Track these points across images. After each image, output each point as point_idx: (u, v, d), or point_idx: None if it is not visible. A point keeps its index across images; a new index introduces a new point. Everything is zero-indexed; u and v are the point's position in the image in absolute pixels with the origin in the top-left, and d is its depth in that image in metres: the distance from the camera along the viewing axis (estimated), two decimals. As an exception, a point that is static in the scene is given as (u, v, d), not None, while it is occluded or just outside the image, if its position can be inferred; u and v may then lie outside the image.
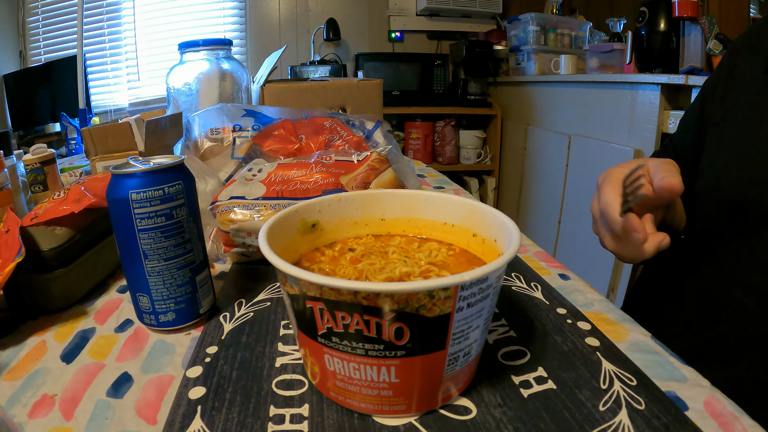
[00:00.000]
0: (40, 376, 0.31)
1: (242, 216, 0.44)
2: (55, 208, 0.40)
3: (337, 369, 0.25)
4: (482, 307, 0.25)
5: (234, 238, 0.45)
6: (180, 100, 0.94)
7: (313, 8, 2.45)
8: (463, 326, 0.24)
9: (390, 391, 0.25)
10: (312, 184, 0.46)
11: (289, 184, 0.46)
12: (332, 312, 0.24)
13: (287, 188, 0.46)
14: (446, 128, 2.32)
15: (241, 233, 0.44)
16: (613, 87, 1.52)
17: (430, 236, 0.37)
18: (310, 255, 0.35)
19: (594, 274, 1.55)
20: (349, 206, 0.37)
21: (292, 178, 0.47)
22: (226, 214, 0.44)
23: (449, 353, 0.25)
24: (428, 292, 0.22)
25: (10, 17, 2.16)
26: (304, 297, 0.24)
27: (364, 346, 0.24)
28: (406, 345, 0.24)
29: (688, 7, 1.36)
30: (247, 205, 0.44)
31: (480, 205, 0.33)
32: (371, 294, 0.22)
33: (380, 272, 0.31)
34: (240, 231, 0.44)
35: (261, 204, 0.45)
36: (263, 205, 0.45)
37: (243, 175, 0.49)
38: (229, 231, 0.44)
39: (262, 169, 0.49)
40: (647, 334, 0.34)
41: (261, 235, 0.28)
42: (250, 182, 0.47)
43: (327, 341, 0.25)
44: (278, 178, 0.47)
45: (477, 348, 0.27)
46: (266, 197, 0.45)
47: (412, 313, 0.23)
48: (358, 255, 0.34)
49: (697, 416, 0.26)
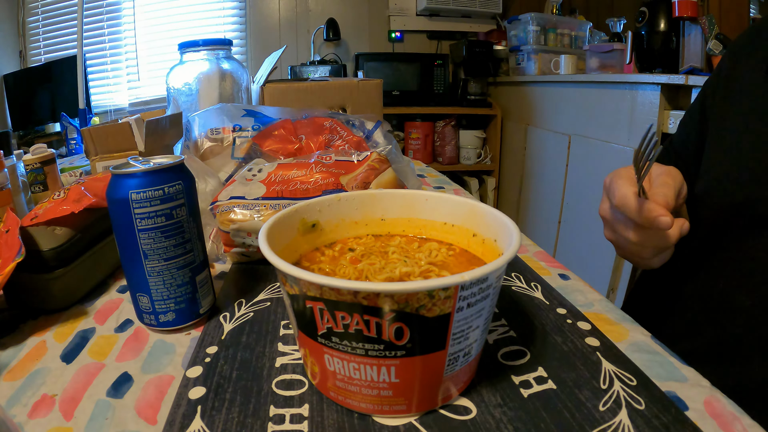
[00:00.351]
0: (40, 376, 0.31)
1: (242, 216, 0.44)
2: (55, 208, 0.40)
3: (337, 369, 0.25)
4: (482, 307, 0.25)
5: (234, 238, 0.45)
6: (180, 100, 0.94)
7: (313, 8, 2.45)
8: (463, 326, 0.24)
9: (390, 391, 0.25)
10: (312, 184, 0.46)
11: (289, 184, 0.46)
12: (332, 312, 0.24)
13: (287, 188, 0.46)
14: (446, 128, 2.32)
15: (241, 233, 0.44)
16: (613, 87, 1.52)
17: (430, 236, 0.37)
18: (310, 255, 0.35)
19: (594, 274, 1.55)
20: (349, 206, 0.37)
21: (292, 178, 0.47)
22: (226, 214, 0.44)
23: (449, 353, 0.25)
24: (428, 292, 0.22)
25: (10, 17, 2.16)
26: (304, 297, 0.24)
27: (364, 346, 0.24)
28: (406, 345, 0.24)
29: (688, 7, 1.36)
30: (247, 205, 0.44)
31: (480, 205, 0.33)
32: (371, 294, 0.22)
33: (380, 272, 0.31)
34: (240, 231, 0.44)
35: (261, 204, 0.45)
36: (263, 205, 0.45)
37: (243, 175, 0.49)
38: (229, 231, 0.44)
39: (262, 169, 0.49)
40: (647, 334, 0.34)
41: (261, 235, 0.28)
42: (250, 182, 0.47)
43: (327, 341, 0.25)
44: (278, 178, 0.47)
45: (477, 348, 0.27)
46: (266, 197, 0.45)
47: (412, 313, 0.23)
48: (358, 255, 0.34)
49: (697, 416, 0.26)
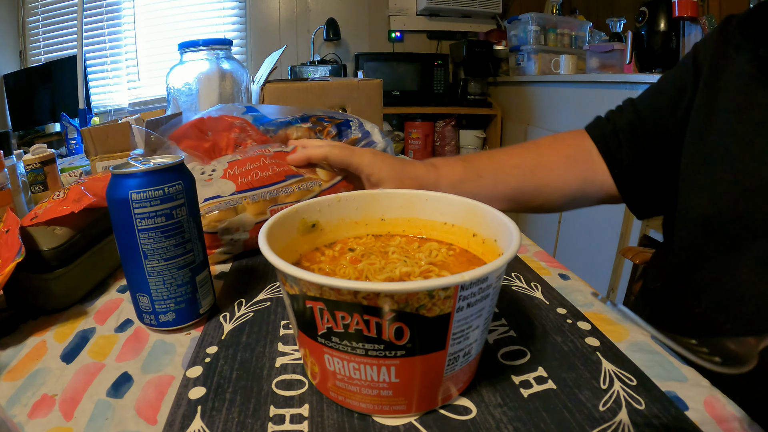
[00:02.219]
0: (40, 376, 0.31)
1: (226, 213, 0.45)
2: (55, 208, 0.40)
3: (337, 369, 0.25)
4: (482, 306, 0.25)
5: (222, 237, 0.45)
6: (180, 100, 0.94)
7: (313, 8, 2.46)
8: (463, 326, 0.24)
9: (390, 391, 0.25)
10: (271, 171, 0.48)
11: (250, 175, 0.48)
12: (332, 312, 0.24)
13: (253, 179, 0.47)
14: (446, 128, 2.33)
15: (230, 230, 0.45)
16: (613, 87, 1.52)
17: (430, 236, 0.37)
18: (310, 255, 0.35)
19: (594, 274, 1.55)
20: (348, 206, 0.37)
21: (249, 170, 0.48)
22: (209, 216, 0.45)
23: (449, 353, 0.25)
24: (428, 292, 0.22)
25: (10, 17, 2.16)
26: (304, 297, 0.24)
27: (364, 346, 0.24)
28: (406, 345, 0.24)
29: (688, 7, 1.36)
30: (228, 202, 0.46)
31: (480, 205, 0.33)
32: (371, 294, 0.22)
33: (380, 272, 0.31)
34: (229, 228, 0.45)
35: (241, 198, 0.46)
36: (243, 199, 0.46)
37: (199, 179, 0.48)
38: (217, 231, 0.45)
39: (216, 169, 0.50)
40: (647, 334, 0.34)
41: (261, 235, 0.28)
42: (210, 182, 0.48)
43: (327, 341, 0.25)
44: (237, 172, 0.48)
45: (477, 348, 0.27)
46: (241, 191, 0.46)
47: (412, 313, 0.23)
48: (358, 255, 0.34)
49: (697, 416, 0.26)
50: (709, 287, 0.42)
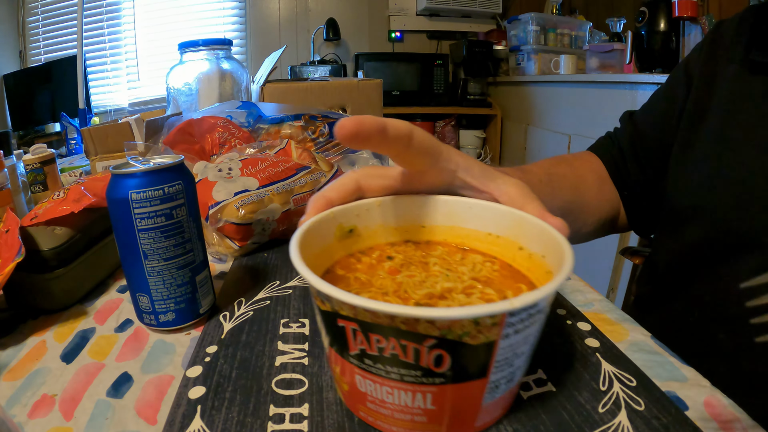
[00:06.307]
0: (40, 376, 0.31)
1: (257, 205, 0.48)
2: (54, 208, 0.40)
3: (368, 391, 0.24)
4: (530, 333, 0.23)
5: (255, 227, 0.48)
6: (180, 100, 0.94)
7: (313, 8, 2.46)
8: (508, 353, 0.23)
9: (425, 417, 0.23)
10: (281, 167, 0.52)
11: (266, 171, 0.51)
12: (366, 334, 0.22)
13: (270, 174, 0.51)
14: (446, 128, 2.33)
15: (261, 220, 0.48)
16: (613, 87, 1.52)
17: (473, 247, 0.34)
18: (344, 261, 0.32)
19: (594, 274, 1.55)
20: (388, 211, 0.34)
21: (264, 168, 0.52)
22: (246, 206, 0.47)
23: (490, 380, 0.23)
24: (473, 320, 0.20)
25: (10, 17, 2.16)
26: (336, 315, 0.23)
27: (400, 371, 0.22)
28: (445, 373, 0.22)
29: (688, 7, 1.36)
30: (257, 194, 0.49)
31: (528, 216, 0.31)
32: (410, 319, 0.20)
33: (420, 286, 0.29)
34: (261, 219, 0.48)
35: (266, 191, 0.49)
36: (268, 192, 0.49)
37: (219, 176, 0.51)
38: (251, 222, 0.47)
39: (232, 168, 0.52)
40: (647, 334, 0.34)
41: (293, 243, 0.26)
42: (231, 179, 0.50)
43: (359, 362, 0.23)
44: (253, 171, 0.51)
45: (520, 374, 0.25)
46: (264, 185, 0.50)
47: (454, 341, 0.21)
48: (396, 265, 0.31)
49: (697, 416, 0.26)
50: (702, 299, 0.41)
